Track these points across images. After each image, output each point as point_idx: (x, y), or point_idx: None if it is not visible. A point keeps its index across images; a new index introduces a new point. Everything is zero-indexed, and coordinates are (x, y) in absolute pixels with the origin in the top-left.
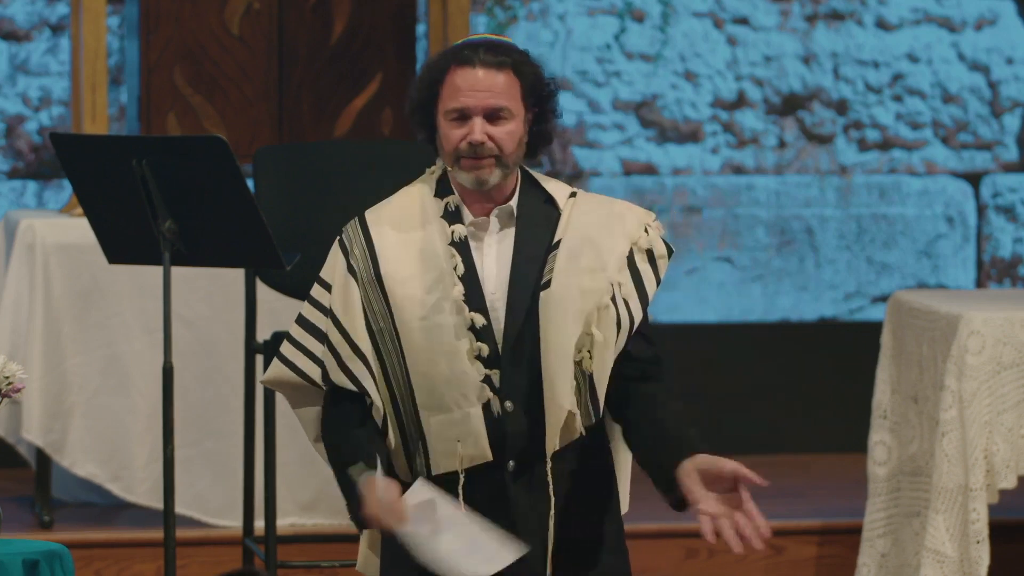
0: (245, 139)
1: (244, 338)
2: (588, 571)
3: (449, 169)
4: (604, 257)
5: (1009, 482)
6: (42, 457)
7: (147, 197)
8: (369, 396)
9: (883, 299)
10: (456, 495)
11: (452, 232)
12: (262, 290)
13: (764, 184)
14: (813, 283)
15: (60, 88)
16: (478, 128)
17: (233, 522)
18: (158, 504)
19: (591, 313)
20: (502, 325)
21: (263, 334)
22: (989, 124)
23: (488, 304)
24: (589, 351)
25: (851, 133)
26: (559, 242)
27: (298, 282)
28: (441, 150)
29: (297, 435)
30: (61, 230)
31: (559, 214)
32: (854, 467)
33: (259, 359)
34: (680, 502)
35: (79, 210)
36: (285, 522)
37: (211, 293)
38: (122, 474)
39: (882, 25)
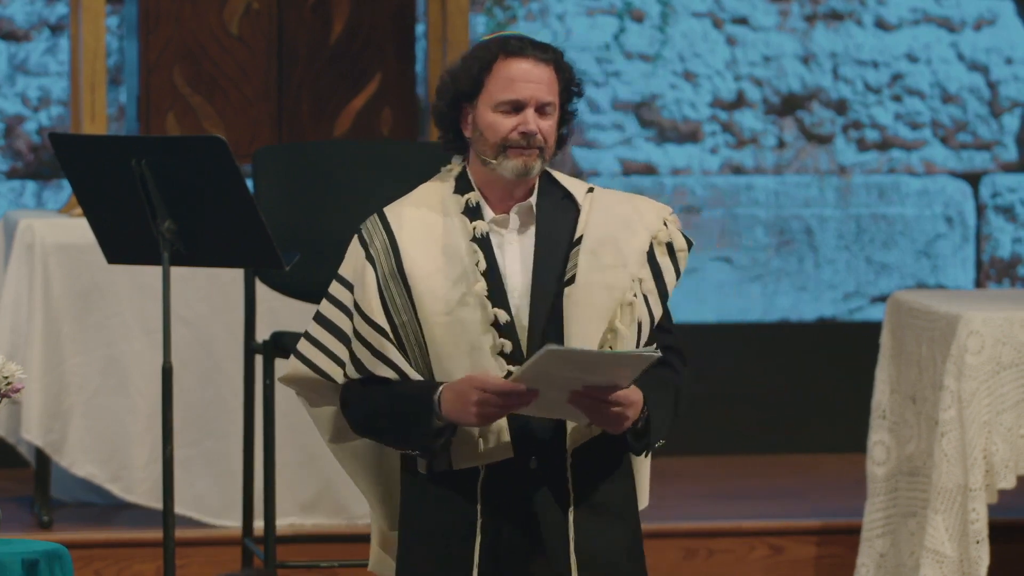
0: (245, 139)
1: (243, 338)
2: (606, 572)
3: (490, 161)
4: (625, 253)
5: (1008, 482)
6: (41, 457)
7: (146, 197)
8: (409, 378)
9: (882, 299)
10: (475, 490)
11: (474, 228)
12: (261, 290)
13: (763, 184)
14: (812, 283)
15: (59, 88)
16: (532, 118)
17: (232, 522)
18: (157, 504)
19: (614, 309)
20: (525, 322)
21: (262, 334)
22: (988, 124)
23: (510, 300)
24: (611, 347)
25: (850, 133)
26: (580, 238)
27: (297, 282)
28: (479, 142)
29: (296, 435)
30: (60, 230)
31: (578, 210)
32: (853, 467)
33: (258, 359)
34: (643, 447)
35: (78, 210)
36: (284, 522)
37: (210, 293)
38: (122, 474)
39: (881, 25)
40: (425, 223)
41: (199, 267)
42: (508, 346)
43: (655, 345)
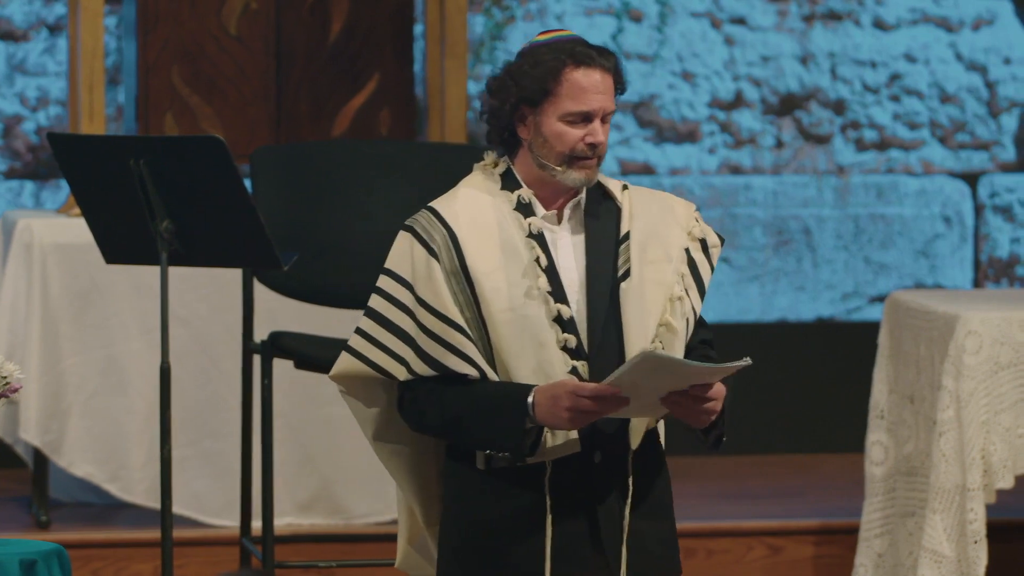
0: (243, 139)
1: (241, 338)
2: (652, 564)
3: (553, 168)
4: (668, 249)
5: (1007, 482)
6: (39, 457)
7: (144, 197)
8: (487, 376)
9: (880, 299)
10: (543, 484)
11: (529, 224)
12: (260, 290)
13: (761, 184)
14: (810, 283)
15: (58, 88)
16: (600, 130)
17: (230, 522)
18: (155, 504)
19: (664, 304)
20: (584, 317)
21: (260, 334)
22: (986, 124)
23: (568, 296)
24: (662, 341)
25: (848, 133)
26: (628, 234)
27: (296, 282)
28: (542, 148)
29: (294, 435)
30: (59, 230)
31: (618, 207)
32: (851, 467)
33: (256, 359)
34: (716, 439)
35: (76, 210)
36: (282, 522)
37: (209, 293)
38: (120, 474)
39: (879, 25)
40: (480, 219)
41: (197, 267)
42: (572, 341)
43: (746, 360)
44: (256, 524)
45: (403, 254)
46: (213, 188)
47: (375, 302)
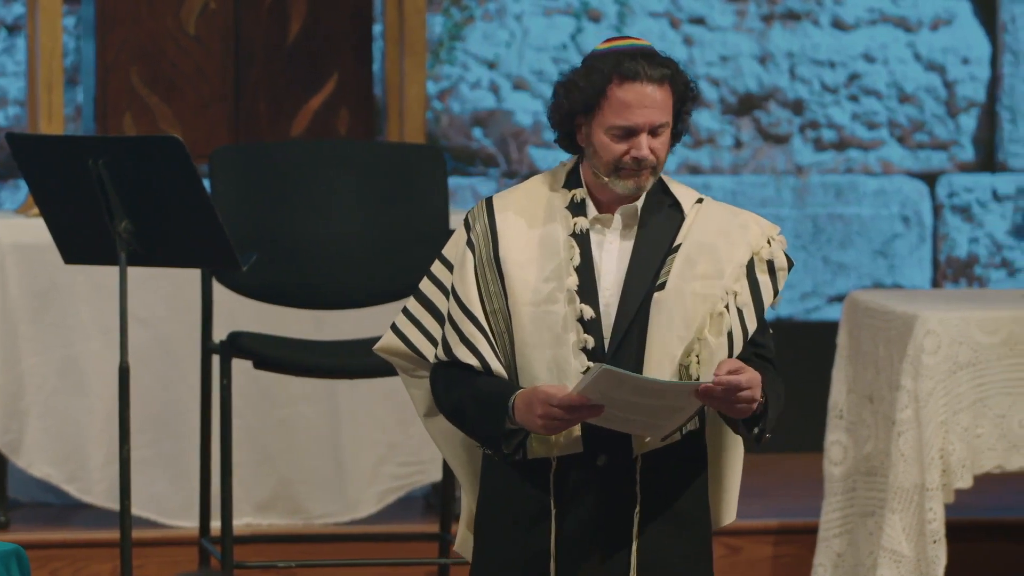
0: (202, 139)
1: (200, 338)
2: None
3: (603, 177)
4: (722, 265)
5: (965, 482)
6: None
7: (103, 197)
8: (492, 369)
9: (839, 299)
10: (547, 481)
11: (575, 224)
12: (219, 290)
13: (720, 184)
14: None
15: (16, 88)
16: (645, 144)
17: (189, 522)
18: (115, 505)
19: (703, 319)
20: (612, 321)
21: (219, 334)
22: (945, 124)
23: (600, 299)
24: (698, 356)
25: (807, 133)
26: (679, 246)
27: (255, 282)
28: (594, 158)
29: (253, 435)
30: (17, 230)
31: (683, 219)
32: (810, 467)
33: (215, 359)
34: (758, 434)
35: (35, 210)
36: (241, 522)
37: (168, 293)
38: (79, 475)
39: (838, 25)
40: (528, 213)
41: (156, 267)
42: (591, 342)
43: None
44: (215, 524)
45: (453, 240)
46: (172, 188)
47: (423, 283)
